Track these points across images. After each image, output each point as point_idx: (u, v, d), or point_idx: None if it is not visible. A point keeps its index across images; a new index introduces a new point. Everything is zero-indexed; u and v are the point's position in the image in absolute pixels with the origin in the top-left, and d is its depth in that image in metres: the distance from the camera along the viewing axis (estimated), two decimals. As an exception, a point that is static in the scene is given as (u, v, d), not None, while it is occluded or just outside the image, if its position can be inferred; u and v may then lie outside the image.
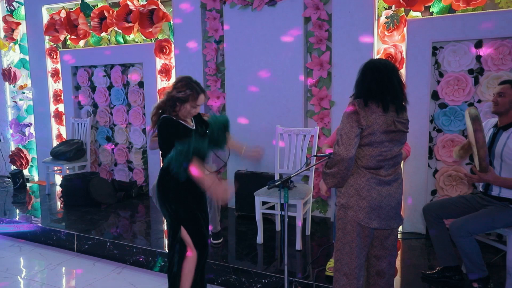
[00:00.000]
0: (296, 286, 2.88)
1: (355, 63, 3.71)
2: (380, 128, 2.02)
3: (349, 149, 2.02)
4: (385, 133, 2.04)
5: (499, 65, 3.34)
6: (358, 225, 2.08)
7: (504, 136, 2.61)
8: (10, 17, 5.86)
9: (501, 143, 2.61)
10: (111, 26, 4.99)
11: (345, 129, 2.04)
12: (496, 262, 3.04)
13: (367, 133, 2.02)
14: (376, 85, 2.05)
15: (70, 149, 5.11)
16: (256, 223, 3.53)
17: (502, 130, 2.64)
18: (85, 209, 4.60)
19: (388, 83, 2.05)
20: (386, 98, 2.04)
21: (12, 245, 4.12)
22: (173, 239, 2.55)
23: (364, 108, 2.03)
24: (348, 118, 2.04)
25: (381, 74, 2.06)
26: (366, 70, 2.10)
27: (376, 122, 2.01)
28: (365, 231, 2.10)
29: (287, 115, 4.15)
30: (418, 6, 3.48)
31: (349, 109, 2.05)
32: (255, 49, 4.25)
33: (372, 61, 2.16)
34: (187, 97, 2.41)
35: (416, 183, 3.63)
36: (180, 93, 2.41)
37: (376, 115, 2.02)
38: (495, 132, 2.67)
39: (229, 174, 4.50)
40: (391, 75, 2.07)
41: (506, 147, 2.57)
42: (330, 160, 2.10)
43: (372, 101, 2.04)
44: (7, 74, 5.97)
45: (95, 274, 3.44)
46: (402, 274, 3.03)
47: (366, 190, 2.06)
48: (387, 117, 2.04)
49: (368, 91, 2.05)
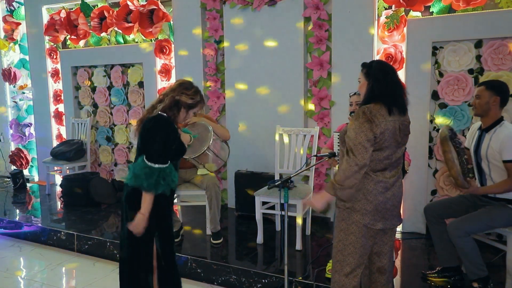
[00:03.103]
0: (296, 286, 2.88)
1: (355, 63, 3.72)
2: (390, 133, 2.03)
3: (365, 158, 1.98)
4: (393, 137, 2.05)
5: (499, 65, 3.34)
6: (364, 226, 2.08)
7: (487, 138, 2.63)
8: (10, 17, 5.86)
9: (485, 145, 2.64)
10: (111, 26, 4.99)
11: (359, 139, 1.99)
12: (496, 262, 3.04)
13: (378, 140, 2.02)
14: (390, 88, 2.05)
15: (70, 149, 5.11)
16: (256, 223, 3.53)
17: (485, 132, 2.67)
18: (85, 209, 4.60)
19: (399, 86, 2.08)
20: (395, 101, 2.05)
21: (12, 245, 4.12)
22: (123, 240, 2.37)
23: (375, 115, 2.00)
24: (362, 127, 1.99)
25: (395, 76, 2.08)
26: (386, 73, 2.08)
27: (387, 127, 2.01)
28: (370, 232, 2.10)
29: (287, 115, 4.15)
30: (418, 6, 3.48)
31: (361, 120, 2.01)
32: (255, 49, 4.25)
33: (382, 62, 2.16)
34: (196, 104, 2.36)
35: (416, 183, 3.63)
36: (192, 99, 2.32)
37: (386, 120, 2.01)
38: (480, 135, 2.70)
39: (229, 174, 4.50)
40: (398, 77, 2.10)
41: (490, 148, 2.60)
42: (342, 174, 2.03)
43: (383, 105, 2.04)
44: (7, 74, 5.97)
45: (95, 274, 3.44)
46: (402, 274, 3.03)
47: (373, 195, 2.06)
48: (394, 121, 2.04)
49: (386, 95, 2.04)
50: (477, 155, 2.70)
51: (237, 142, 4.27)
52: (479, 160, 2.68)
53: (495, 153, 2.57)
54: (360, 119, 2.01)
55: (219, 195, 3.58)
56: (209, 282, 3.19)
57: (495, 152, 2.56)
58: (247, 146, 4.39)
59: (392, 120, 2.03)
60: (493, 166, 2.62)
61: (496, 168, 2.60)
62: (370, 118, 1.99)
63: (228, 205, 4.59)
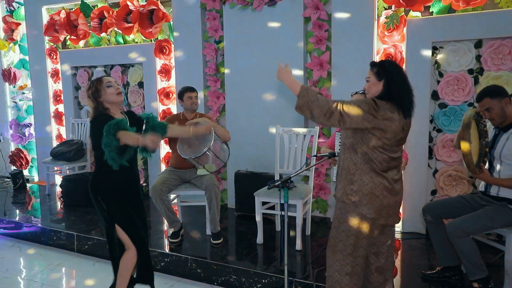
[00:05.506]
0: (296, 286, 2.88)
1: (355, 63, 3.74)
2: (393, 132, 2.04)
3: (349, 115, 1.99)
4: (396, 137, 2.07)
5: (499, 65, 3.34)
6: (367, 223, 2.09)
7: (504, 137, 2.61)
8: (10, 18, 5.86)
9: (500, 144, 2.61)
10: (111, 27, 4.99)
11: (357, 103, 2.01)
12: (496, 262, 3.04)
13: (380, 136, 2.03)
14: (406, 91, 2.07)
15: (70, 149, 5.11)
16: (256, 223, 3.53)
17: (502, 131, 2.64)
18: (85, 209, 4.60)
19: (411, 89, 2.10)
20: (408, 104, 2.07)
21: (12, 246, 4.12)
22: (111, 242, 2.61)
23: (383, 107, 2.01)
24: (366, 102, 2.02)
25: (408, 79, 2.11)
26: (402, 74, 2.10)
27: (391, 127, 2.03)
28: (373, 229, 2.11)
29: (287, 115, 4.15)
30: (418, 6, 3.48)
31: (369, 101, 2.04)
32: (255, 49, 4.25)
33: (396, 63, 2.17)
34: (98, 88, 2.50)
35: (416, 183, 3.63)
36: (90, 90, 2.51)
37: (392, 117, 2.03)
38: (496, 133, 2.68)
39: (229, 174, 4.50)
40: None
41: (505, 148, 2.58)
42: (321, 97, 2.04)
43: (394, 105, 2.05)
44: (7, 75, 5.97)
45: (95, 274, 3.44)
46: (402, 274, 3.03)
47: (380, 189, 2.08)
48: (400, 121, 2.05)
49: (401, 97, 2.06)
50: (490, 154, 2.66)
51: (237, 142, 4.28)
52: (492, 159, 2.66)
53: (509, 153, 2.55)
54: (368, 101, 2.03)
55: (219, 195, 3.58)
56: (209, 282, 3.19)
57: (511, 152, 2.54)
58: (247, 146, 4.39)
59: (398, 120, 2.04)
60: (505, 164, 2.60)
61: (508, 166, 2.59)
62: (375, 106, 2.00)
63: (228, 205, 4.59)
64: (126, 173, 2.55)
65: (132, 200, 2.61)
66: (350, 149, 2.12)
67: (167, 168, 3.83)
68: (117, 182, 2.53)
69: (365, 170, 2.08)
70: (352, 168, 2.11)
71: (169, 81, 4.86)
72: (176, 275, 3.34)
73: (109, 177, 2.52)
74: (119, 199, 2.55)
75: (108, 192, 2.53)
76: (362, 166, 2.08)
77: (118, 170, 2.47)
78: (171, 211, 3.60)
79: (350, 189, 2.11)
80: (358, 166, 2.09)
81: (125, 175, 2.55)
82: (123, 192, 2.57)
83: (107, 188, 2.53)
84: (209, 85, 4.57)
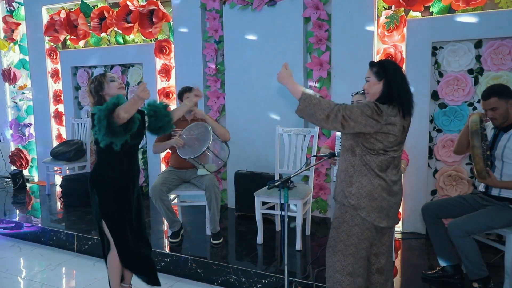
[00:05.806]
0: (296, 286, 2.88)
1: (355, 63, 3.73)
2: (396, 136, 2.04)
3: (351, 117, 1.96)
4: (397, 139, 2.06)
5: (499, 65, 3.34)
6: (368, 225, 2.09)
7: (505, 138, 2.61)
8: (10, 18, 5.86)
9: (501, 145, 2.61)
10: (111, 27, 5.00)
11: (361, 107, 1.98)
12: (496, 262, 3.04)
13: (382, 139, 2.02)
14: (406, 91, 2.06)
15: (70, 149, 5.11)
16: (256, 223, 3.53)
17: (503, 132, 2.64)
18: (85, 209, 4.60)
19: (410, 89, 2.09)
20: (408, 104, 2.06)
21: (12, 246, 4.12)
22: (102, 239, 2.66)
23: (386, 112, 2.00)
24: (368, 107, 1.98)
25: (407, 79, 2.10)
26: (402, 74, 2.08)
27: (393, 131, 2.02)
28: (372, 231, 2.11)
29: (287, 115, 4.15)
30: (418, 6, 3.48)
31: (371, 105, 2.01)
32: (255, 49, 4.25)
33: (395, 63, 2.16)
34: (101, 81, 2.54)
35: (416, 183, 3.63)
36: (92, 84, 2.55)
37: (395, 119, 2.02)
38: (496, 134, 2.67)
39: (229, 174, 4.50)
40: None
41: (507, 148, 2.58)
42: (322, 99, 2.03)
43: (395, 106, 2.04)
44: (7, 75, 5.97)
45: (95, 274, 3.44)
46: (402, 274, 3.03)
47: (378, 191, 2.07)
48: (401, 124, 2.05)
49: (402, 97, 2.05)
50: (490, 155, 2.65)
51: (237, 142, 4.27)
52: (493, 159, 2.66)
53: (511, 153, 2.54)
54: (371, 105, 2.00)
55: (219, 195, 3.58)
56: (209, 282, 3.19)
57: None
58: (247, 146, 4.39)
59: (400, 123, 2.04)
60: (506, 165, 2.60)
61: (509, 165, 2.59)
62: (378, 111, 1.98)
63: (228, 205, 4.59)
64: (125, 168, 2.56)
65: (130, 197, 2.60)
66: (349, 151, 2.11)
67: (167, 168, 3.83)
68: (115, 176, 2.53)
69: (363, 172, 2.08)
70: (350, 170, 2.11)
71: (169, 81, 4.85)
72: (176, 275, 3.34)
73: (108, 170, 2.53)
74: (116, 195, 2.54)
75: (104, 184, 2.54)
76: (360, 168, 2.08)
77: (117, 164, 2.49)
78: (171, 211, 3.60)
79: (349, 191, 2.11)
80: (356, 168, 2.09)
81: (123, 170, 2.55)
82: (121, 187, 2.56)
83: (104, 181, 2.53)
84: (209, 85, 4.57)
